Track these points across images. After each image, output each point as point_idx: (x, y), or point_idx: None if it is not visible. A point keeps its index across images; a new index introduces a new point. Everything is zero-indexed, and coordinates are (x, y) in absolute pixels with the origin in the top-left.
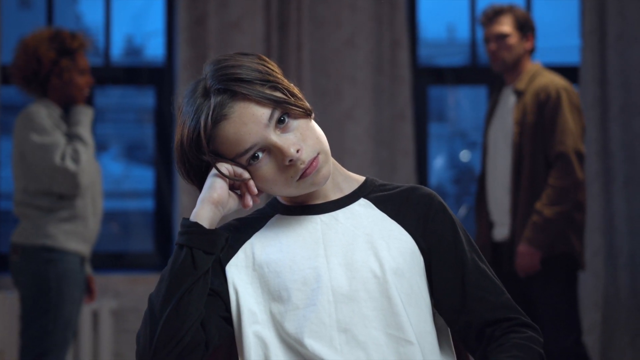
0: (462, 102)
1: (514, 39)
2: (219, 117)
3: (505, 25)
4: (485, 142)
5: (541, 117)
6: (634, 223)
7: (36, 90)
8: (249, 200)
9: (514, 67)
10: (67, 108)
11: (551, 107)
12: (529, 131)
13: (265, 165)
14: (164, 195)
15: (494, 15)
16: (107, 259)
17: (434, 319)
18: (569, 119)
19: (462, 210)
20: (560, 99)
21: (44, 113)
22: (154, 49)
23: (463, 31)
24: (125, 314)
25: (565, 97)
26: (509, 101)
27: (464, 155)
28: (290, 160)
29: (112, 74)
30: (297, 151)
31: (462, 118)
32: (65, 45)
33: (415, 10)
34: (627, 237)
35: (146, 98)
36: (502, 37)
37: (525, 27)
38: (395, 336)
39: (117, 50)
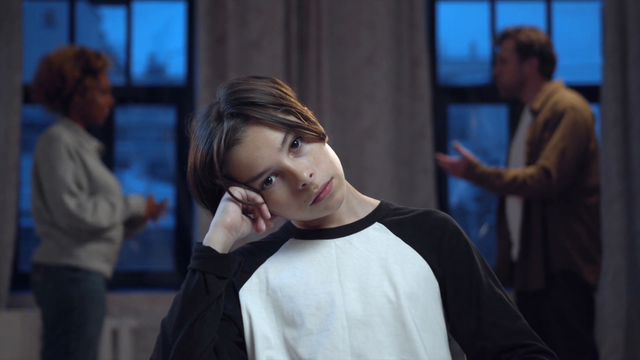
0: (484, 120)
1: (511, 64)
2: (232, 141)
3: (505, 51)
4: (507, 161)
5: (546, 134)
6: None
7: (58, 108)
8: (262, 225)
9: (520, 89)
10: (88, 127)
11: (552, 124)
12: (538, 151)
13: (279, 189)
14: (184, 213)
15: (500, 39)
16: (128, 278)
17: (450, 345)
18: (561, 139)
19: (484, 229)
20: (563, 117)
21: (67, 137)
22: (176, 68)
23: (484, 49)
24: (145, 333)
25: (569, 116)
26: (525, 121)
27: None
28: (304, 185)
29: (134, 93)
30: (311, 175)
31: (483, 136)
32: (90, 64)
33: (435, 28)
34: None
35: (167, 116)
36: (503, 61)
37: (526, 51)
38: None
39: (140, 69)
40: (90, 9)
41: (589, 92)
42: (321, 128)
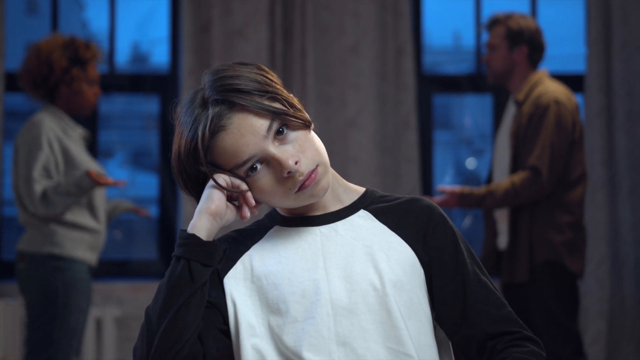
0: (468, 109)
1: (501, 51)
2: (216, 128)
3: (495, 37)
4: (493, 152)
5: (530, 130)
6: (639, 231)
7: (43, 96)
8: (247, 212)
9: (508, 76)
10: (74, 115)
11: (536, 119)
12: (524, 145)
13: (264, 176)
14: (168, 202)
15: (489, 25)
16: (111, 267)
17: (435, 332)
18: (548, 135)
19: (467, 220)
20: (547, 112)
21: (49, 124)
22: (159, 56)
23: (469, 38)
24: (128, 322)
25: (553, 111)
26: (510, 111)
27: (470, 163)
28: (289, 172)
29: (117, 82)
30: (296, 163)
31: (467, 125)
32: (78, 54)
33: (420, 18)
34: (632, 246)
35: (151, 105)
36: (492, 48)
37: (516, 38)
38: (395, 350)
39: (122, 57)
40: None
41: (573, 82)
42: (307, 115)
